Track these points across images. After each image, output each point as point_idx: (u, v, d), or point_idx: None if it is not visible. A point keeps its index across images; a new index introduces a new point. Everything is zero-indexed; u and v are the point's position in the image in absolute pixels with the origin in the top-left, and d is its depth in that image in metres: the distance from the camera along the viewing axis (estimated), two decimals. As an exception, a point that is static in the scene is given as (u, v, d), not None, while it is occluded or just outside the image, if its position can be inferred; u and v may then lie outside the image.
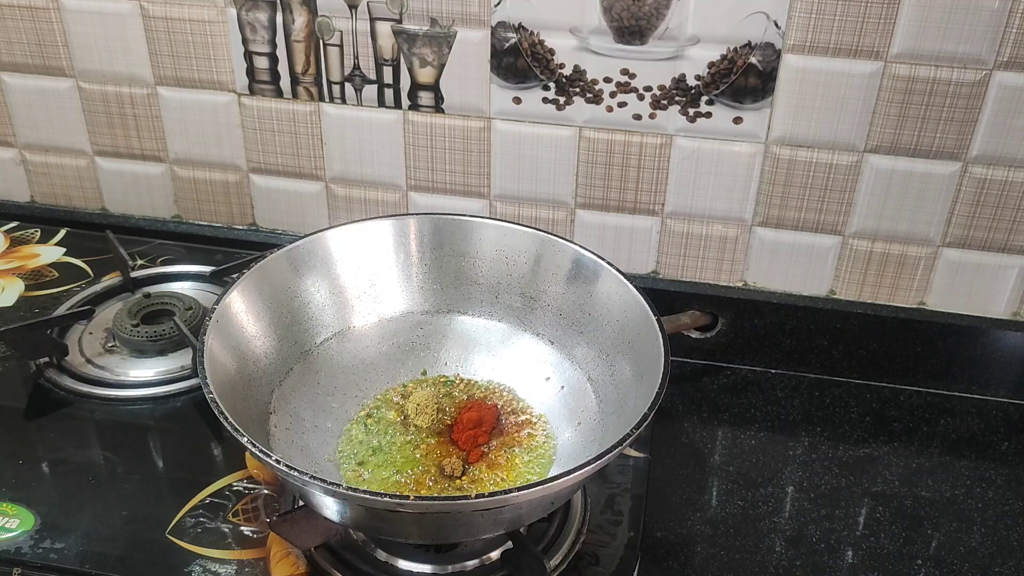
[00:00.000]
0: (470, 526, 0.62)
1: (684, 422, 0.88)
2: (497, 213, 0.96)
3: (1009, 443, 0.87)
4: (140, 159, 1.03)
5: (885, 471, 0.83)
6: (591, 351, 0.75)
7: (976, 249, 0.89)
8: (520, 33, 0.86)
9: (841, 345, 0.94)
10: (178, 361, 0.87)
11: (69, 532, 0.70)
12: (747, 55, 0.83)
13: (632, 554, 0.70)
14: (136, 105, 0.99)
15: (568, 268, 0.77)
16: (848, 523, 0.78)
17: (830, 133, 0.86)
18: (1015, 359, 0.92)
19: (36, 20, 0.96)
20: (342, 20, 0.90)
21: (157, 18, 0.94)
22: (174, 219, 1.06)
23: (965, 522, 0.79)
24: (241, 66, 0.94)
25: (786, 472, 0.83)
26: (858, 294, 0.93)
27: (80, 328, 0.90)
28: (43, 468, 0.76)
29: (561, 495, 0.67)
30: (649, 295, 0.72)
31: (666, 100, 0.87)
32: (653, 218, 0.93)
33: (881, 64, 0.82)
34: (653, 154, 0.90)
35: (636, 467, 0.78)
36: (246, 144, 0.99)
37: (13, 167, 1.06)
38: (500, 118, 0.91)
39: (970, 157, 0.85)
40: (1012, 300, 0.91)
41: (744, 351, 0.95)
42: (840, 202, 0.89)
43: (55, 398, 0.83)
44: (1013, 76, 0.80)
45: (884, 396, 0.92)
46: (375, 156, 0.96)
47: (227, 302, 0.70)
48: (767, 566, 0.74)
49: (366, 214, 0.99)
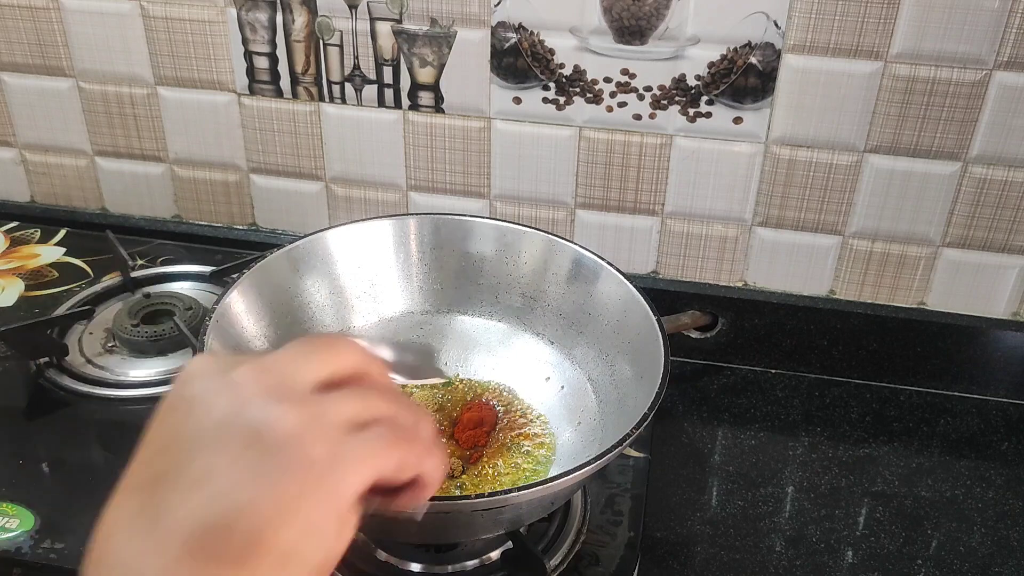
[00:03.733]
0: (470, 526, 0.62)
1: (684, 422, 0.88)
2: (497, 213, 0.96)
3: (1009, 443, 0.87)
4: (140, 159, 1.03)
5: (885, 471, 0.83)
6: (591, 351, 0.75)
7: (976, 249, 0.89)
8: (520, 33, 0.86)
9: (841, 345, 0.94)
10: (178, 361, 0.86)
11: (69, 532, 0.70)
12: (747, 55, 0.83)
13: (632, 554, 0.70)
14: (136, 105, 0.99)
15: (568, 268, 0.77)
16: (848, 523, 0.78)
17: (830, 133, 0.86)
18: (1015, 359, 0.92)
19: (36, 20, 0.96)
20: (342, 20, 0.90)
21: (157, 18, 0.94)
22: (174, 219, 1.06)
23: (965, 522, 0.79)
24: (241, 66, 0.94)
25: (786, 472, 0.83)
26: (858, 294, 0.93)
27: (80, 328, 0.90)
28: (43, 468, 0.76)
29: (561, 495, 0.66)
30: (649, 295, 0.71)
31: (666, 100, 0.87)
32: (653, 218, 0.93)
33: (881, 64, 0.82)
34: (653, 154, 0.90)
35: (636, 467, 0.78)
36: (246, 144, 0.99)
37: (13, 167, 1.06)
38: (500, 118, 0.91)
39: (970, 157, 0.85)
40: (1012, 300, 0.91)
41: (744, 351, 0.95)
42: (840, 202, 0.89)
43: (55, 398, 0.83)
44: (1013, 76, 0.80)
45: (884, 396, 0.92)
46: (375, 156, 0.96)
47: (227, 302, 0.70)
48: (767, 566, 0.74)
49: (366, 214, 0.99)
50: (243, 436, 0.36)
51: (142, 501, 0.37)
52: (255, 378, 0.38)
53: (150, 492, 0.37)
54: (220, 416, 0.37)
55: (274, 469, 0.35)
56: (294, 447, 0.36)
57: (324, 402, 0.38)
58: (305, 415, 0.37)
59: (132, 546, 0.35)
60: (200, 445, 0.37)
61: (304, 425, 0.37)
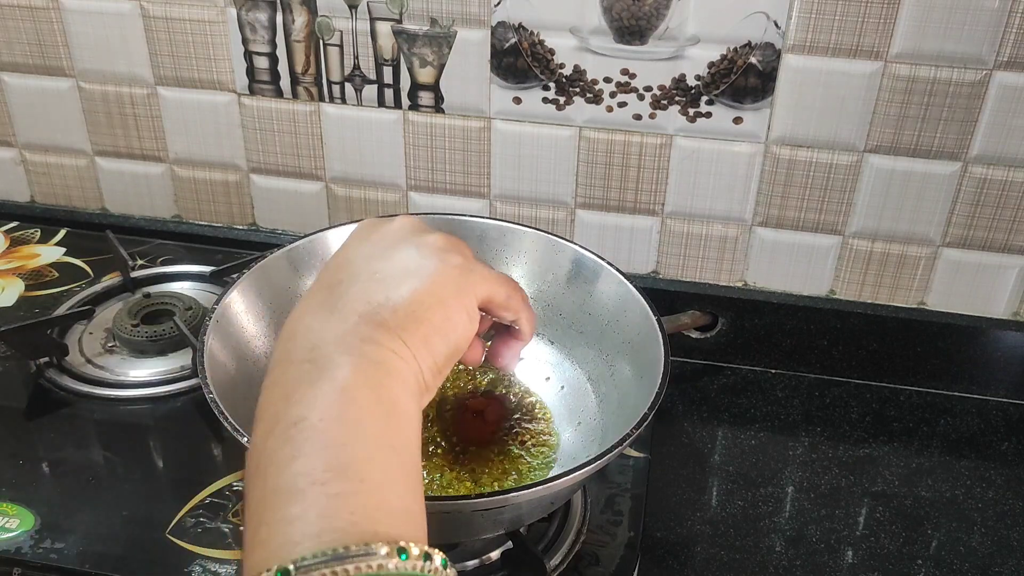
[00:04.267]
0: (470, 526, 0.62)
1: (684, 422, 0.88)
2: (497, 213, 0.96)
3: (1009, 443, 0.87)
4: (140, 159, 1.03)
5: (885, 471, 0.83)
6: (591, 351, 0.75)
7: (976, 249, 0.89)
8: (520, 33, 0.86)
9: (841, 345, 0.94)
10: (178, 361, 0.87)
11: (69, 532, 0.70)
12: (747, 55, 0.83)
13: (632, 554, 0.70)
14: (136, 105, 0.99)
15: (568, 268, 0.77)
16: (848, 523, 0.78)
17: (830, 133, 0.86)
18: (1015, 359, 0.92)
19: (36, 20, 0.96)
20: (342, 20, 0.90)
21: (157, 18, 0.94)
22: (174, 219, 1.06)
23: (965, 522, 0.79)
24: (241, 66, 0.94)
25: (786, 472, 0.83)
26: (858, 294, 0.93)
27: (80, 328, 0.90)
28: (43, 468, 0.76)
29: (561, 495, 0.66)
30: (649, 295, 0.71)
31: (666, 100, 0.87)
32: (653, 218, 0.93)
33: (881, 64, 0.82)
34: (653, 154, 0.90)
35: (636, 467, 0.78)
36: (246, 144, 0.99)
37: (13, 167, 1.06)
38: (500, 118, 0.91)
39: (970, 157, 0.85)
40: (1012, 300, 0.91)
41: (744, 351, 0.95)
42: (840, 202, 0.89)
43: (55, 398, 0.83)
44: (1013, 76, 0.80)
45: (884, 396, 0.92)
46: (375, 156, 0.96)
47: (227, 302, 0.70)
48: (767, 566, 0.74)
49: (366, 214, 0.99)
50: (406, 248, 0.50)
51: (326, 295, 0.48)
52: (412, 224, 0.53)
53: (332, 289, 0.48)
54: (387, 238, 0.51)
55: (427, 268, 0.49)
56: (442, 255, 0.50)
57: (462, 245, 0.53)
58: (450, 243, 0.52)
59: (318, 319, 0.46)
60: (373, 256, 0.50)
61: (449, 246, 0.52)
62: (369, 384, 0.44)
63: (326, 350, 0.45)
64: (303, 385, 0.43)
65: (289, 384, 0.44)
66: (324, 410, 0.42)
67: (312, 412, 0.42)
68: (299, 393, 0.43)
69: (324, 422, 0.41)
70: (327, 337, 0.45)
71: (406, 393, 0.46)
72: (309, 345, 0.45)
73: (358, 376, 0.44)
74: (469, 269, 0.51)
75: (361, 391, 0.43)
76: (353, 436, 0.41)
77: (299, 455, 0.40)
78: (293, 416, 0.42)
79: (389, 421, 0.44)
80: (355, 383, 0.43)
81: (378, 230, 0.53)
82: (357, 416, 0.42)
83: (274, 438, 0.42)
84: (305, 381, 0.43)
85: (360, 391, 0.43)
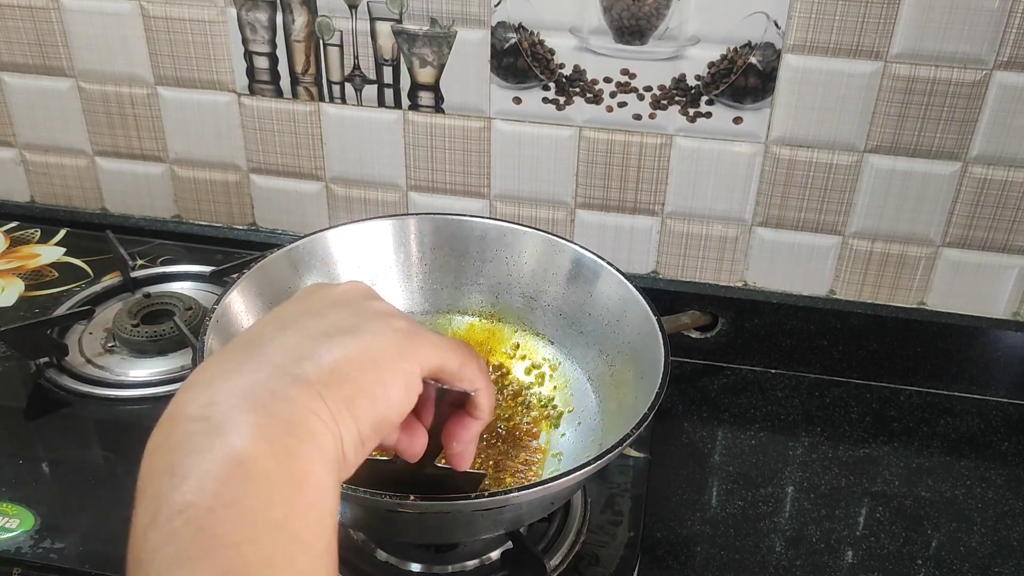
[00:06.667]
0: (470, 526, 0.62)
1: (684, 422, 0.88)
2: (497, 213, 0.96)
3: (1009, 443, 0.87)
4: (140, 159, 1.03)
5: (885, 471, 0.83)
6: (591, 351, 0.75)
7: (976, 249, 0.89)
8: (520, 33, 0.86)
9: (841, 345, 0.94)
10: (178, 361, 0.87)
11: (69, 532, 0.70)
12: (747, 55, 0.83)
13: (632, 554, 0.70)
14: (136, 105, 0.99)
15: (568, 268, 0.77)
16: (848, 523, 0.78)
17: (830, 133, 0.86)
18: (1015, 359, 0.92)
19: (36, 20, 0.96)
20: (342, 20, 0.90)
21: (157, 18, 0.94)
22: (174, 219, 1.06)
23: (965, 522, 0.79)
24: (241, 66, 0.94)
25: (786, 472, 0.83)
26: (858, 294, 0.93)
27: (80, 328, 0.90)
28: (43, 468, 0.76)
29: (561, 495, 0.66)
30: (649, 295, 0.71)
31: (666, 100, 0.87)
32: (653, 218, 0.93)
33: (881, 64, 0.82)
34: (653, 154, 0.90)
35: (636, 467, 0.78)
36: (246, 144, 0.99)
37: (13, 167, 1.06)
38: (500, 118, 0.91)
39: (970, 157, 0.85)
40: (1012, 300, 0.91)
41: (744, 351, 0.95)
42: (840, 202, 0.89)
43: (55, 398, 0.83)
44: (1013, 76, 0.80)
45: (884, 396, 0.92)
46: (375, 156, 0.96)
47: (227, 302, 0.70)
48: (767, 566, 0.74)
49: (366, 214, 0.99)
50: (345, 308, 0.45)
51: (243, 346, 0.42)
52: (360, 289, 0.48)
53: (251, 341, 0.43)
54: (328, 299, 0.46)
55: (366, 328, 0.44)
56: (385, 319, 0.45)
57: (410, 318, 0.49)
58: (398, 311, 0.47)
59: (224, 368, 0.40)
60: (309, 312, 0.45)
61: (396, 312, 0.47)
62: (274, 452, 0.37)
63: (225, 406, 0.38)
64: (192, 454, 0.36)
65: (175, 450, 0.37)
66: (215, 492, 0.35)
67: (201, 496, 0.35)
68: (187, 465, 0.36)
69: (215, 511, 0.35)
70: (229, 390, 0.38)
71: (323, 463, 0.38)
72: (206, 399, 0.38)
73: (260, 443, 0.37)
74: (415, 334, 0.45)
75: (263, 462, 0.36)
76: (251, 530, 0.35)
77: (185, 560, 0.34)
78: (178, 501, 0.35)
79: (297, 501, 0.37)
80: (256, 452, 0.36)
81: (320, 291, 0.48)
82: (255, 499, 0.35)
83: (156, 530, 0.35)
84: (196, 448, 0.36)
85: (262, 463, 0.36)
